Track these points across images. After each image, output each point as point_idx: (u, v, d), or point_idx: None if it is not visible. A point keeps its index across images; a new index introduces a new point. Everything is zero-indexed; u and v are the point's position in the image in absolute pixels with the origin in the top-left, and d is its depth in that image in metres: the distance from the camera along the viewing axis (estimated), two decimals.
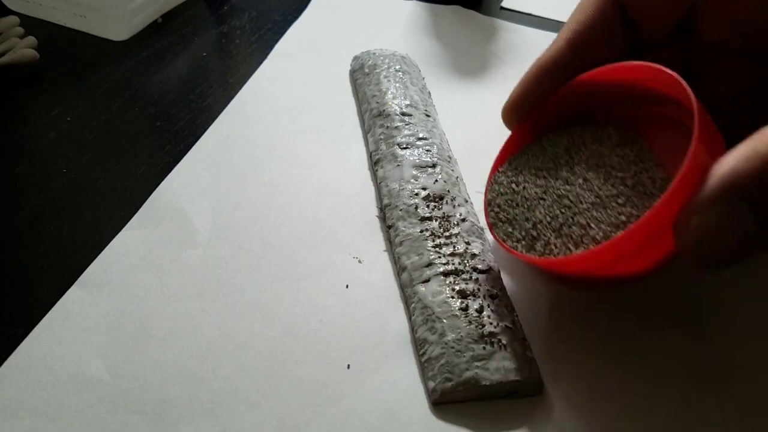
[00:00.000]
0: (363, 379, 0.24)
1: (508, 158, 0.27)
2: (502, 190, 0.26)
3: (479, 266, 0.27)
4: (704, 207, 0.19)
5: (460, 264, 0.26)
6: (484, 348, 0.23)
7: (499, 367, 0.23)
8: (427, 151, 0.31)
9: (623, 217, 0.22)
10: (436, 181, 0.30)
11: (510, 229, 0.25)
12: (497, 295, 0.26)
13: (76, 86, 0.38)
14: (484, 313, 0.25)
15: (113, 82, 0.38)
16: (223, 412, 0.23)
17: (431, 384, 0.24)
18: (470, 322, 0.24)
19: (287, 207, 0.31)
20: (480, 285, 0.26)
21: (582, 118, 0.27)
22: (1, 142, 0.34)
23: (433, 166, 0.30)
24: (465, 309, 0.25)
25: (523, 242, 0.24)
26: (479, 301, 0.25)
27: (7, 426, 0.23)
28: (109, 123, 0.36)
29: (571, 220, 0.23)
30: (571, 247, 0.23)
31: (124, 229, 0.29)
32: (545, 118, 0.27)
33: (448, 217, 0.28)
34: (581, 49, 0.25)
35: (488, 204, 0.27)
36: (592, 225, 0.23)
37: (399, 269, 0.27)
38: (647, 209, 0.21)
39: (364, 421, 0.23)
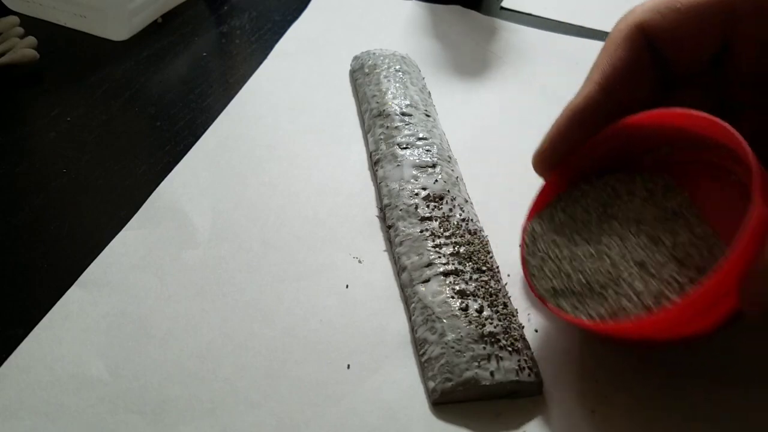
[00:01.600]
0: (363, 379, 0.24)
1: (541, 211, 0.26)
2: (538, 245, 0.25)
3: (479, 266, 0.27)
4: None
5: (460, 264, 0.26)
6: (484, 348, 0.23)
7: (499, 367, 0.23)
8: (427, 151, 0.31)
9: (672, 285, 0.21)
10: (436, 181, 0.30)
11: (552, 284, 0.23)
12: (497, 295, 0.26)
13: (76, 86, 0.38)
14: (484, 313, 0.25)
15: (113, 82, 0.38)
16: (223, 412, 0.23)
17: (431, 384, 0.24)
18: (470, 322, 0.24)
19: (287, 207, 0.31)
20: (480, 285, 0.26)
21: (619, 162, 0.25)
22: (1, 142, 0.34)
23: (433, 166, 0.30)
24: (465, 309, 0.25)
25: (565, 298, 0.23)
26: (479, 301, 0.25)
27: (7, 426, 0.23)
28: (109, 123, 0.36)
29: (614, 283, 0.22)
30: (616, 312, 0.21)
31: (124, 229, 0.29)
32: (580, 165, 0.25)
33: (448, 217, 0.28)
34: (613, 92, 0.24)
35: (525, 260, 0.25)
36: (637, 284, 0.21)
37: (399, 269, 0.27)
38: (694, 276, 0.20)
39: (364, 421, 0.23)
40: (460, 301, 0.25)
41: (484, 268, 0.26)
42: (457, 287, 0.25)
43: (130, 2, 0.41)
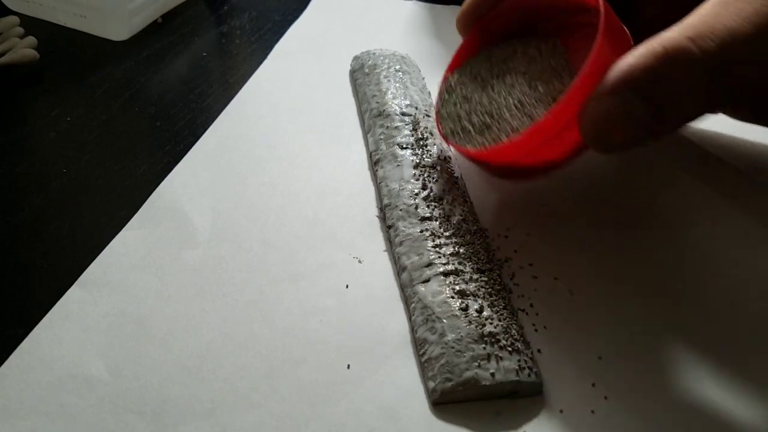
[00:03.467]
0: (363, 379, 0.24)
1: (457, 67, 0.31)
2: (448, 92, 0.30)
3: (479, 266, 0.27)
4: (602, 96, 0.22)
5: (460, 264, 0.26)
6: (484, 348, 0.23)
7: (500, 367, 0.23)
8: (428, 151, 0.31)
9: (538, 115, 0.26)
10: (437, 181, 0.30)
11: (452, 126, 0.28)
12: (497, 295, 0.26)
13: (76, 86, 0.38)
14: (484, 313, 0.25)
15: (113, 82, 0.38)
16: (223, 412, 0.23)
17: (431, 384, 0.24)
18: (470, 322, 0.24)
19: (287, 207, 0.31)
20: (480, 285, 0.26)
21: (524, 30, 0.30)
22: (1, 142, 0.34)
23: (433, 166, 0.30)
24: (465, 309, 0.25)
25: (460, 136, 0.28)
26: (479, 301, 0.25)
27: (7, 426, 0.23)
28: (109, 123, 0.36)
29: (499, 118, 0.27)
30: (497, 140, 0.26)
31: (124, 229, 0.29)
32: (491, 30, 0.30)
33: (449, 217, 0.28)
34: None
35: (437, 108, 0.30)
36: (514, 122, 0.26)
37: (399, 269, 0.27)
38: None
39: (364, 421, 0.23)
40: (460, 301, 0.25)
41: (484, 269, 0.26)
42: (457, 287, 0.25)
43: (130, 2, 0.41)
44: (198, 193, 0.31)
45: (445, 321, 0.24)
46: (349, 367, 0.25)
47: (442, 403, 0.24)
